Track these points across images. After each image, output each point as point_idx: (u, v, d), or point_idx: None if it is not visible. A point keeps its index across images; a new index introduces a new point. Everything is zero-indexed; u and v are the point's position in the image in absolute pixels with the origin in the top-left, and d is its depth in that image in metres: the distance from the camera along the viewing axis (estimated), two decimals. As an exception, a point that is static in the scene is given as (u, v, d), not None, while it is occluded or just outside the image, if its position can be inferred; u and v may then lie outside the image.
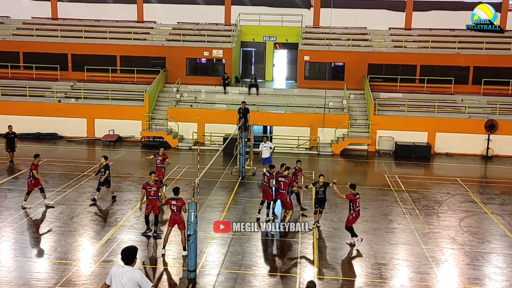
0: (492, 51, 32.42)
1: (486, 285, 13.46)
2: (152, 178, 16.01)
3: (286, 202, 16.56)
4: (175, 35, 35.18)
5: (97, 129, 30.74)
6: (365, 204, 19.73)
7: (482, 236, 16.77)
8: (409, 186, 22.26)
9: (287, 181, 16.59)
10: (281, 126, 29.61)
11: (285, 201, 16.59)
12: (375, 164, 27.58)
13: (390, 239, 16.27)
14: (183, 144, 29.45)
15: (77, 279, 13.05)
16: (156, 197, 15.98)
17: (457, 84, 32.11)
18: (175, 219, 14.34)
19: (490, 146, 28.57)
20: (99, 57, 34.21)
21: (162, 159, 19.96)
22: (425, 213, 18.75)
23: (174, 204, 14.26)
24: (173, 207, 14.27)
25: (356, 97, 31.86)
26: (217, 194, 20.22)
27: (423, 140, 29.05)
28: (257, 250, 15.20)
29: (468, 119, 29.32)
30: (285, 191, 16.54)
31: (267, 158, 22.62)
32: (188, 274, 12.97)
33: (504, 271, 14.22)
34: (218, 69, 34.53)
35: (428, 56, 32.74)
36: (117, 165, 24.69)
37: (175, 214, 14.31)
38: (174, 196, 14.42)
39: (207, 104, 31.32)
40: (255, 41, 36.37)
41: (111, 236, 15.79)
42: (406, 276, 13.84)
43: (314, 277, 13.43)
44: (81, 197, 19.63)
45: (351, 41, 34.14)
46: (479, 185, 23.55)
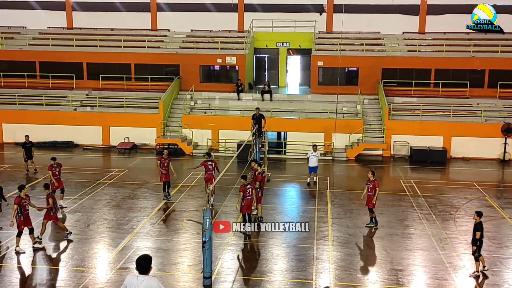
0: (507, 54, 32.08)
1: (505, 291, 13.28)
2: (165, 153, 20.38)
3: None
4: (189, 43, 35.38)
5: (112, 137, 30.98)
6: (381, 209, 19.61)
7: (501, 241, 16.56)
8: (425, 191, 22.07)
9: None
10: (295, 132, 29.57)
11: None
12: (390, 169, 27.39)
13: (407, 244, 16.13)
14: (198, 150, 29.54)
15: (94, 286, 13.14)
16: (168, 168, 19.87)
17: (473, 87, 31.81)
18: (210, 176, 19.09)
19: (507, 150, 28.23)
20: (113, 66, 34.51)
21: (167, 162, 20.13)
22: (442, 218, 18.56)
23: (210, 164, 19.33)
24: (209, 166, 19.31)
25: (370, 102, 31.73)
26: (232, 201, 20.21)
27: (439, 145, 28.82)
28: (272, 256, 15.17)
29: (484, 122, 29.02)
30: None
31: (314, 167, 22.65)
32: (204, 281, 12.99)
33: (523, 276, 14.02)
34: (232, 76, 34.63)
35: (442, 60, 32.50)
36: (133, 173, 24.88)
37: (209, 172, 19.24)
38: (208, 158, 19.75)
39: (221, 110, 31.40)
40: (268, 47, 36.44)
41: (127, 243, 15.87)
42: (423, 282, 13.71)
43: (330, 283, 13.36)
44: (97, 204, 19.78)
45: (365, 46, 34.04)
46: (496, 190, 23.27)
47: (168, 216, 18.65)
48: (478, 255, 13.80)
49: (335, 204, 20.09)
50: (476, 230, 13.69)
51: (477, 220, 13.76)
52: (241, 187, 16.47)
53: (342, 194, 21.36)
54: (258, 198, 17.68)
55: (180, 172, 25.46)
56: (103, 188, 22.07)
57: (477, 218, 13.79)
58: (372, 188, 17.18)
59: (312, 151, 22.99)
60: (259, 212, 17.81)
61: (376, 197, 17.24)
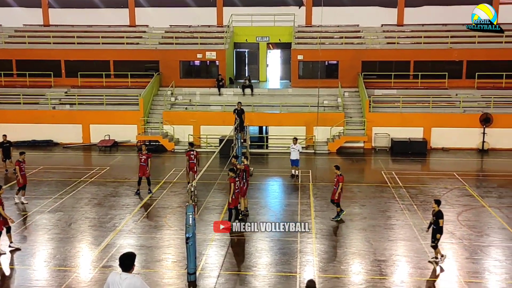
0: (485, 45, 32.47)
1: (486, 279, 13.49)
2: (143, 148, 20.58)
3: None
4: (168, 38, 35.14)
5: (92, 135, 30.70)
6: (363, 201, 19.81)
7: (481, 230, 16.81)
8: (406, 182, 22.29)
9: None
10: (276, 126, 29.62)
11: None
12: (371, 161, 27.61)
13: (389, 235, 16.28)
14: (179, 147, 29.42)
15: (77, 286, 13.02)
16: (146, 164, 20.04)
17: (451, 78, 32.17)
18: (192, 165, 20.41)
19: (486, 140, 28.65)
20: (92, 63, 34.15)
21: (146, 158, 20.18)
22: (423, 208, 18.77)
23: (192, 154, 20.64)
24: (192, 156, 20.52)
25: (350, 95, 31.90)
26: (214, 196, 20.21)
27: (419, 136, 29.11)
28: (256, 250, 15.19)
29: (463, 113, 29.40)
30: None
31: (295, 160, 22.81)
32: (188, 277, 12.97)
33: (503, 263, 14.25)
34: (212, 71, 34.50)
35: (421, 52, 32.79)
36: (114, 170, 24.69)
37: (191, 161, 20.51)
38: (191, 148, 21.10)
39: (202, 106, 31.31)
40: (248, 41, 36.37)
41: (110, 241, 15.75)
42: (406, 272, 13.86)
43: (314, 276, 13.43)
44: (78, 203, 19.58)
45: (344, 39, 34.17)
46: (476, 179, 23.62)
47: (151, 213, 18.55)
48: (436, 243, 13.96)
49: (318, 197, 20.20)
50: (438, 218, 13.86)
51: (436, 209, 13.93)
52: (230, 179, 16.44)
53: (324, 187, 21.45)
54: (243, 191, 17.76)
55: (162, 169, 25.40)
56: (84, 186, 21.86)
57: (436, 206, 13.96)
58: (337, 182, 17.32)
59: (292, 144, 23.15)
60: (244, 205, 17.88)
61: (338, 191, 17.25)
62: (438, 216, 13.86)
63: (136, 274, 7.77)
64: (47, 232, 16.64)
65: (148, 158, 20.30)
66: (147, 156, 20.31)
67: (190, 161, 20.94)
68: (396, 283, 13.22)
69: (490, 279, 13.47)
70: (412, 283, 13.18)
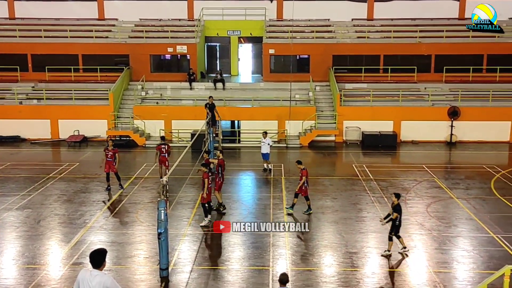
0: (452, 39, 33.05)
1: (454, 268, 13.78)
2: (110, 143, 20.19)
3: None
4: (138, 32, 34.71)
5: (61, 130, 30.14)
6: (334, 194, 19.99)
7: (449, 221, 17.15)
8: (377, 175, 22.57)
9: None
10: (249, 120, 29.60)
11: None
12: (343, 154, 27.86)
13: (360, 227, 16.47)
14: (151, 142, 29.14)
15: (46, 283, 12.80)
16: (113, 159, 19.81)
17: (420, 72, 32.68)
18: (163, 159, 20.52)
19: (454, 132, 29.21)
20: (60, 57, 33.47)
21: (112, 154, 20.00)
22: (393, 200, 19.02)
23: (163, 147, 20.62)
24: (163, 149, 20.52)
25: (322, 89, 32.08)
26: (187, 191, 20.11)
27: (389, 129, 29.49)
28: (229, 245, 15.18)
29: (432, 106, 29.90)
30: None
31: (265, 154, 22.85)
32: (161, 273, 12.88)
33: (471, 253, 14.58)
34: (183, 65, 34.25)
35: (391, 46, 33.18)
36: (84, 166, 24.31)
37: (162, 155, 20.53)
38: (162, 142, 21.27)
39: (173, 100, 31.06)
40: (219, 35, 36.20)
41: (80, 238, 15.53)
42: (377, 263, 14.04)
43: (287, 269, 13.50)
44: (47, 200, 19.23)
45: (315, 33, 34.32)
46: (444, 171, 24.07)
47: (122, 209, 18.35)
48: (397, 236, 14.21)
49: (290, 190, 20.25)
50: (394, 211, 14.11)
51: (396, 202, 14.17)
52: (204, 174, 16.35)
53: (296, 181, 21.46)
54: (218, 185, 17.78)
55: (133, 164, 25.14)
56: (53, 183, 21.48)
57: (395, 199, 14.20)
58: (301, 177, 17.46)
59: (262, 138, 23.19)
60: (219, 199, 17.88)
61: (301, 185, 17.34)
62: (395, 210, 14.11)
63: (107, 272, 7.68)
64: (15, 230, 16.30)
65: (115, 154, 20.06)
66: (113, 151, 20.05)
67: (161, 155, 20.86)
68: (367, 274, 13.39)
69: (458, 268, 13.76)
70: (383, 275, 13.39)
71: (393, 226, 14.20)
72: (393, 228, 14.19)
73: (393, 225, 14.19)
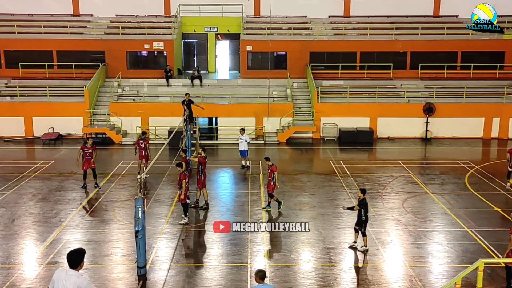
0: (427, 37, 33.48)
1: (430, 263, 13.99)
2: (89, 142, 19.91)
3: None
4: (114, 28, 34.32)
5: (35, 128, 29.64)
6: (312, 190, 20.10)
7: (424, 216, 17.40)
8: (354, 171, 22.76)
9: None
10: (226, 117, 29.55)
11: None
12: (320, 151, 28.02)
13: (338, 223, 16.59)
14: (127, 139, 28.88)
15: (21, 283, 12.60)
16: (91, 157, 19.70)
17: (396, 69, 33.00)
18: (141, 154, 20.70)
19: (429, 129, 29.61)
20: (34, 53, 32.87)
21: (91, 151, 19.83)
22: (370, 196, 19.20)
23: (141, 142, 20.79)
24: (141, 144, 20.74)
25: (299, 86, 32.19)
26: (164, 189, 20.00)
27: (366, 126, 29.75)
28: (207, 242, 15.16)
29: (407, 103, 30.24)
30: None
31: (242, 151, 22.85)
32: (138, 271, 12.77)
33: (445, 248, 14.82)
34: (160, 61, 34.00)
35: (367, 43, 33.45)
36: (59, 164, 23.98)
37: (141, 150, 20.66)
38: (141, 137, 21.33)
39: (150, 97, 30.82)
40: (196, 32, 36.01)
41: (55, 237, 15.32)
42: (354, 258, 14.17)
43: (265, 265, 13.54)
44: (21, 198, 18.92)
45: (292, 30, 34.40)
46: (419, 167, 24.38)
47: (98, 207, 18.15)
48: (363, 233, 14.38)
49: (268, 187, 20.30)
50: (360, 206, 14.34)
51: (361, 197, 14.38)
52: (181, 174, 16.23)
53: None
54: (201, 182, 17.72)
55: (109, 161, 24.89)
56: (27, 181, 21.14)
57: (361, 195, 14.41)
58: (271, 173, 17.44)
59: (240, 135, 23.22)
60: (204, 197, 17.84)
61: (274, 181, 17.34)
62: (360, 204, 14.32)
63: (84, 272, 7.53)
64: (-12, 229, 16.01)
65: (93, 151, 19.92)
66: (92, 149, 19.88)
67: (140, 150, 20.99)
68: (345, 269, 13.51)
69: (433, 263, 13.98)
70: (361, 270, 13.52)
71: (359, 220, 14.38)
72: (360, 223, 14.37)
73: (359, 220, 14.37)
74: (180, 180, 16.14)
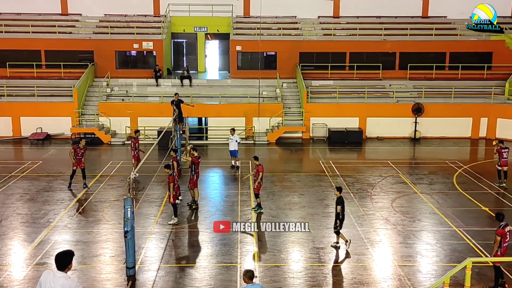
0: (416, 37, 33.65)
1: (418, 262, 14.07)
2: (82, 142, 20.03)
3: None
4: (103, 28, 34.14)
5: (23, 128, 29.42)
6: (301, 190, 20.13)
7: (413, 215, 17.49)
8: (343, 171, 22.83)
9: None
10: (216, 117, 29.51)
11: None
12: (310, 151, 28.07)
13: (327, 223, 16.61)
14: (116, 139, 28.75)
15: (9, 284, 12.49)
16: (83, 157, 19.84)
17: (385, 69, 33.15)
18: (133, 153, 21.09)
19: (418, 129, 29.78)
20: (22, 52, 32.63)
21: (83, 152, 19.85)
22: (359, 196, 19.31)
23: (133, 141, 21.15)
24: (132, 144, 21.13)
25: (289, 86, 32.23)
26: (153, 189, 19.93)
27: (355, 126, 29.85)
28: (196, 242, 15.12)
29: (396, 103, 30.39)
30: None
31: (233, 151, 22.84)
32: (127, 271, 12.71)
33: (434, 247, 14.91)
34: (149, 61, 33.87)
35: (356, 44, 33.56)
36: (47, 164, 23.81)
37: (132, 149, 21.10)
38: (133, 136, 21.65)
39: (139, 97, 30.69)
40: (186, 32, 35.91)
41: (43, 238, 15.20)
42: (343, 258, 14.21)
43: (255, 265, 13.54)
44: (9, 199, 18.76)
45: (282, 30, 34.43)
46: (408, 167, 24.50)
47: (87, 207, 18.05)
48: (339, 229, 14.48)
49: (258, 187, 20.29)
50: (337, 204, 14.42)
51: (338, 195, 14.47)
52: (170, 177, 16.15)
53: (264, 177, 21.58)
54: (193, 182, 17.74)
55: (98, 162, 24.76)
56: (15, 181, 20.96)
57: (337, 193, 14.50)
58: (256, 173, 17.40)
59: (230, 135, 23.22)
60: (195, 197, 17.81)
61: (258, 181, 17.27)
62: (337, 203, 14.38)
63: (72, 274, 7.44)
64: (-25, 230, 15.85)
65: (85, 151, 19.99)
66: (84, 149, 19.95)
67: (131, 149, 21.45)
68: (334, 269, 13.54)
69: (422, 262, 14.05)
70: (350, 269, 13.56)
71: (336, 220, 14.44)
72: (340, 222, 14.43)
73: (336, 218, 14.44)
74: (169, 182, 16.09)
